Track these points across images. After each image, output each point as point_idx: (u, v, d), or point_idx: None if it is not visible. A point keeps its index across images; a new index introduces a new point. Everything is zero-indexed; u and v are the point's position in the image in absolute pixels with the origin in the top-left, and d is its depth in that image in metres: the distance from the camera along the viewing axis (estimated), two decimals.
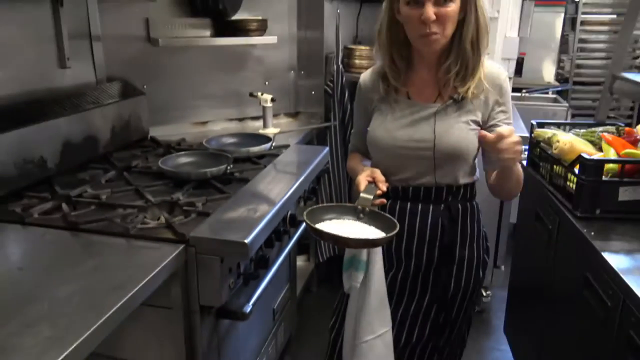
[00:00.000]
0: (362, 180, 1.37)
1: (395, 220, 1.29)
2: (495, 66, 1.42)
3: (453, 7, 1.29)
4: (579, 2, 4.88)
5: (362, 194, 1.34)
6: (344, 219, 1.34)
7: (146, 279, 1.13)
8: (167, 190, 1.67)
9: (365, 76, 1.55)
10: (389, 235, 1.25)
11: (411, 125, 1.41)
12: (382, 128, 1.45)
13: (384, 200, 1.37)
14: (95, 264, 1.22)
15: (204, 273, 1.34)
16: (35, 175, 1.66)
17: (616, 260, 1.34)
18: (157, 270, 1.17)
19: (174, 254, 1.26)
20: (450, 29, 1.32)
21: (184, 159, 1.92)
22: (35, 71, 1.81)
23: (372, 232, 1.29)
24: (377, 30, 1.43)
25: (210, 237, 1.33)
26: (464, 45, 1.34)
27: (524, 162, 2.18)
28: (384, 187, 1.37)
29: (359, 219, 1.33)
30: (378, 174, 1.39)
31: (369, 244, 1.30)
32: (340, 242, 1.27)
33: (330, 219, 1.33)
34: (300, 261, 2.92)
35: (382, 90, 1.45)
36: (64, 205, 1.50)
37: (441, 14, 1.28)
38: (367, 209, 1.32)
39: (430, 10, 1.27)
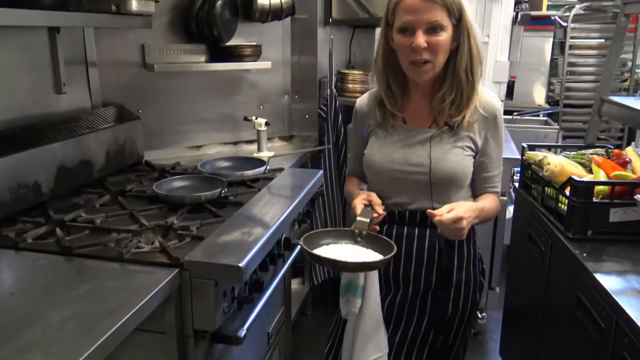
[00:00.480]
0: (358, 203, 1.39)
1: (393, 243, 1.30)
2: (490, 95, 1.44)
3: (444, 37, 1.32)
4: (567, 27, 4.98)
5: (358, 218, 1.35)
6: (342, 243, 1.35)
7: (140, 304, 1.13)
8: (162, 214, 1.67)
9: (361, 100, 1.57)
10: (387, 257, 1.25)
11: (407, 149, 1.43)
12: (378, 151, 1.47)
13: (383, 214, 1.38)
14: (88, 288, 1.21)
15: (198, 297, 1.34)
16: (29, 200, 1.66)
17: (608, 281, 1.35)
18: (151, 294, 1.17)
19: (168, 278, 1.26)
20: (441, 58, 1.35)
21: (178, 183, 1.93)
22: (31, 97, 1.82)
23: (370, 255, 1.30)
24: (375, 58, 1.47)
25: (205, 261, 1.33)
26: (459, 74, 1.36)
27: (516, 184, 2.20)
28: (380, 210, 1.38)
29: (356, 242, 1.34)
30: (374, 197, 1.40)
31: (367, 266, 1.31)
32: (339, 266, 1.28)
33: (327, 244, 1.34)
34: (294, 284, 2.91)
35: (378, 116, 1.48)
36: (57, 230, 1.50)
37: (432, 42, 1.31)
38: (364, 232, 1.33)
39: (420, 38, 1.30)
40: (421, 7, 1.29)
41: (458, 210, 1.29)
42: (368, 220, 1.33)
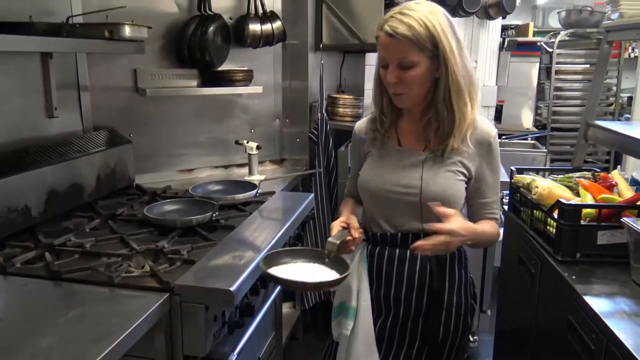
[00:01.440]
0: (335, 225, 1.42)
1: (349, 264, 1.35)
2: (485, 122, 1.46)
3: (416, 72, 1.33)
4: (552, 52, 5.09)
5: (329, 239, 1.38)
6: (299, 262, 1.39)
7: (129, 329, 1.12)
8: (152, 238, 1.67)
9: (360, 123, 1.61)
10: (338, 278, 1.29)
11: (399, 171, 1.45)
12: (371, 172, 1.49)
13: (358, 237, 1.41)
14: (77, 314, 1.20)
15: (188, 322, 1.33)
16: (18, 223, 1.65)
17: (598, 304, 1.36)
18: (140, 319, 1.16)
19: (158, 303, 1.25)
20: (417, 90, 1.37)
21: (169, 207, 1.93)
22: (22, 121, 1.83)
23: (326, 275, 1.34)
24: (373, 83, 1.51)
25: (195, 285, 1.33)
26: (436, 105, 1.38)
27: (506, 207, 2.22)
28: (355, 233, 1.40)
29: (324, 263, 1.36)
30: (353, 220, 1.43)
31: (316, 286, 1.37)
32: (291, 286, 1.34)
33: (295, 262, 1.38)
34: (285, 308, 2.88)
35: (372, 135, 1.51)
36: (47, 254, 1.49)
37: (403, 77, 1.34)
38: (332, 254, 1.35)
39: (391, 74, 1.34)
40: (390, 44, 1.32)
41: (453, 225, 1.30)
42: (338, 242, 1.36)
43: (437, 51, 1.32)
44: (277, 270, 1.31)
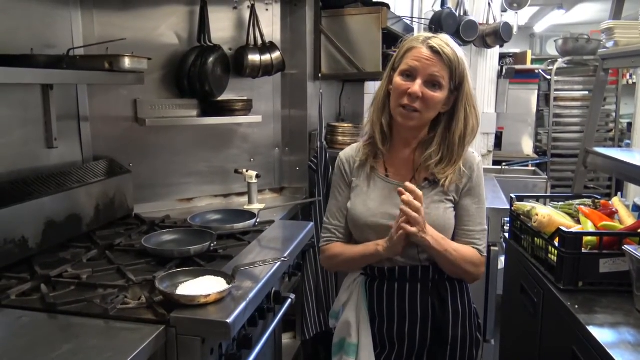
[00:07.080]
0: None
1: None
2: (469, 151, 1.47)
3: (439, 95, 1.36)
4: (551, 80, 5.13)
5: None
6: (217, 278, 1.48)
7: None
8: (150, 269, 1.65)
9: (347, 152, 1.58)
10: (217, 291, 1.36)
11: (391, 204, 1.43)
12: (362, 206, 1.47)
13: None
14: (71, 347, 1.18)
15: (184, 355, 1.30)
16: (15, 255, 1.64)
17: (601, 334, 1.34)
18: (135, 353, 1.14)
19: (153, 336, 1.23)
20: (431, 113, 1.39)
21: (167, 237, 1.91)
22: (22, 151, 1.83)
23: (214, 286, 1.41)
24: (373, 99, 1.50)
25: (191, 317, 1.31)
26: (453, 138, 1.40)
27: (507, 235, 2.20)
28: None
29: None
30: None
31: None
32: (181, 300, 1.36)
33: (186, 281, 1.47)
34: (285, 339, 2.84)
35: (364, 158, 1.49)
36: (42, 286, 1.48)
37: (427, 95, 1.35)
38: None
39: (418, 86, 1.34)
40: (429, 58, 1.35)
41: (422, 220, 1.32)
42: None
43: (460, 87, 1.38)
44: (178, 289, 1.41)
